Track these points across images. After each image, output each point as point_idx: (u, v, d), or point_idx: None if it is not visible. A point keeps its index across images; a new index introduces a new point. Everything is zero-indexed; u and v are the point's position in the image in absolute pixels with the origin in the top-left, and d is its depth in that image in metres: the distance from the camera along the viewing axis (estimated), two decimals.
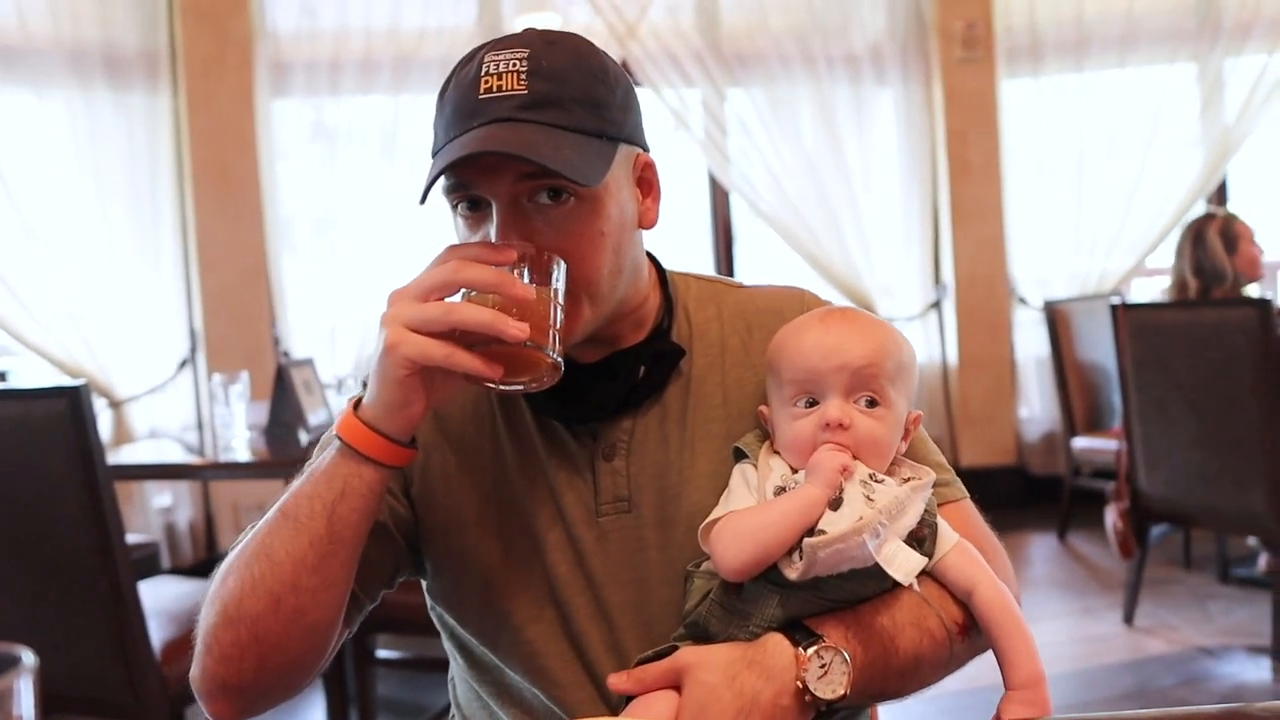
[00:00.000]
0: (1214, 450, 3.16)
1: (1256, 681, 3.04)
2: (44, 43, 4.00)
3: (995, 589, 0.96)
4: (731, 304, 1.11)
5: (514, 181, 0.94)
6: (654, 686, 0.93)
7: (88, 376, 3.99)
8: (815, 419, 0.95)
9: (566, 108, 0.94)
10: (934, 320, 5.08)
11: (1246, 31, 4.93)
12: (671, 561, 1.01)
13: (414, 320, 0.88)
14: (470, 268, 0.89)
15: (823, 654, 0.89)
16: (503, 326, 0.85)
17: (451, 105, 0.97)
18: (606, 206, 0.98)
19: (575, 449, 1.04)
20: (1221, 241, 3.77)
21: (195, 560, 4.31)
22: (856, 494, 0.91)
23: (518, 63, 0.95)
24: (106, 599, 2.15)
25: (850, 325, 0.99)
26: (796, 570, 0.89)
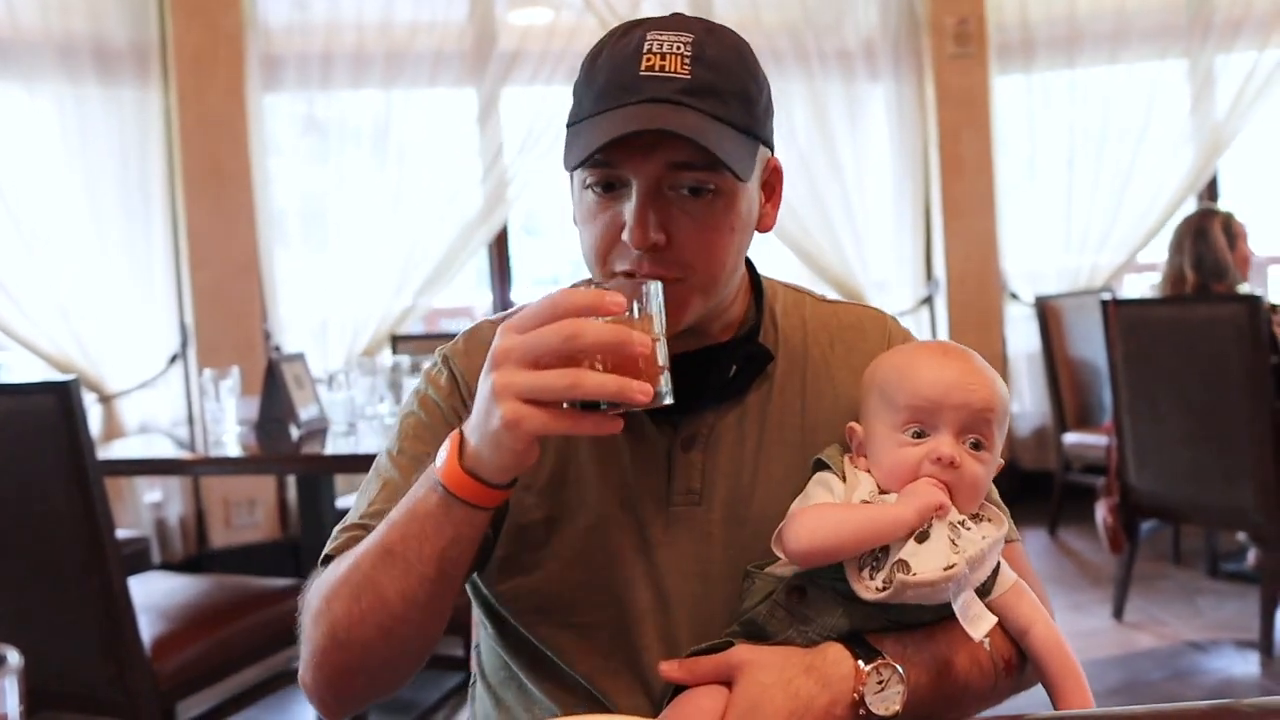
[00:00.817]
0: (1203, 446, 3.18)
1: (1244, 676, 3.06)
2: (33, 36, 3.98)
3: (1050, 629, 0.98)
4: (815, 316, 1.12)
5: (663, 167, 0.94)
6: (705, 679, 0.93)
7: (78, 371, 3.97)
8: (924, 451, 0.95)
9: (725, 99, 0.95)
10: (925, 316, 5.09)
11: (1237, 28, 4.94)
12: (735, 559, 1.01)
13: (532, 391, 0.82)
14: (588, 329, 0.82)
15: (882, 671, 0.90)
16: (630, 395, 0.81)
17: (606, 76, 0.96)
18: (740, 204, 0.98)
19: (654, 436, 1.04)
20: (1224, 238, 3.78)
21: (186, 555, 4.30)
22: (943, 534, 0.91)
23: (682, 46, 0.95)
24: (96, 594, 2.15)
25: (971, 365, 0.99)
26: (872, 594, 0.90)
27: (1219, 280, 3.72)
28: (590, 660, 1.02)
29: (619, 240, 0.96)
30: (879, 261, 5.03)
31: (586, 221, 1.00)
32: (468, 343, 1.11)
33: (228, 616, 2.41)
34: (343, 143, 4.57)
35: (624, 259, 0.97)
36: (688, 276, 0.97)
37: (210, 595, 2.54)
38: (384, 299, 4.50)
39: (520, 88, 4.63)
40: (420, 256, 4.52)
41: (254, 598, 2.50)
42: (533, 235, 5.57)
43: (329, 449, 2.79)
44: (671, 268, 0.96)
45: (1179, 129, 5.04)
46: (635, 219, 0.94)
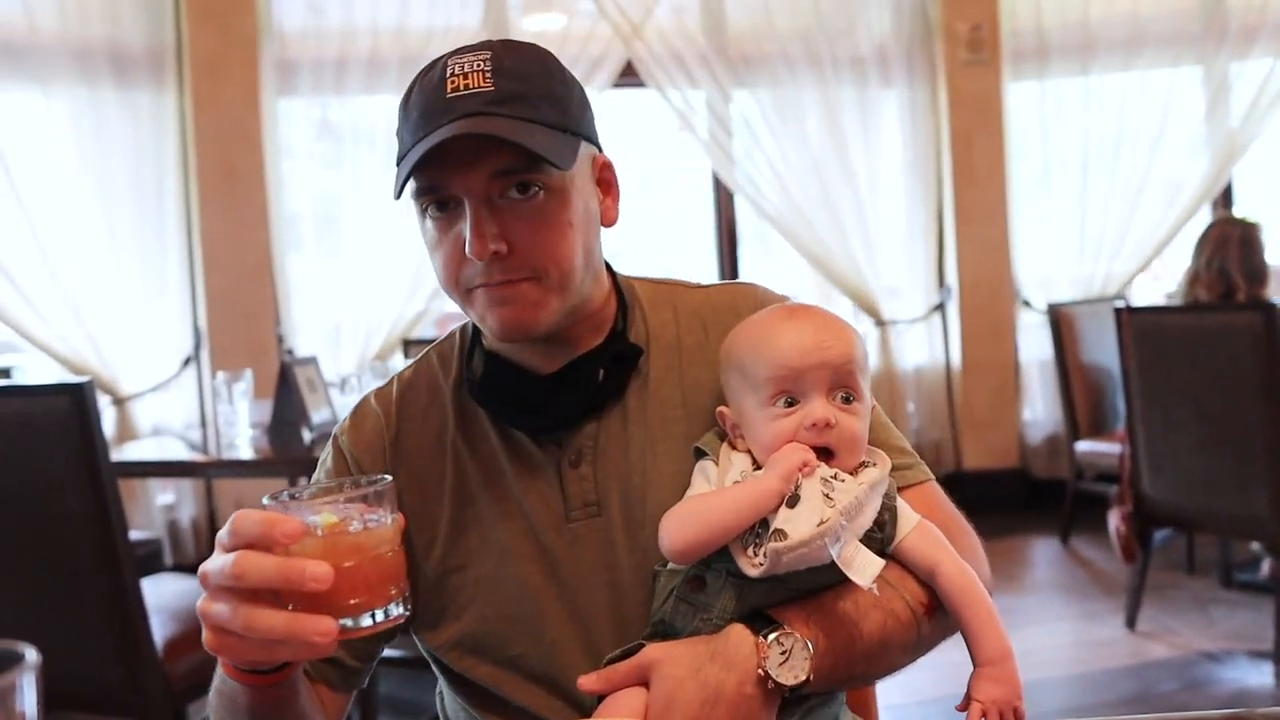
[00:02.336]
0: (1217, 454, 3.16)
1: (1259, 687, 3.03)
2: (50, 40, 4.01)
3: (957, 567, 0.96)
4: (686, 304, 1.12)
5: (487, 178, 0.96)
6: (622, 684, 0.93)
7: (92, 374, 3.99)
8: (798, 419, 0.95)
9: (532, 103, 0.97)
10: (938, 323, 5.08)
11: (1252, 35, 4.93)
12: (641, 563, 1.02)
13: (219, 623, 0.79)
14: (251, 571, 0.77)
15: (783, 640, 0.90)
16: (301, 638, 0.77)
17: (419, 109, 0.99)
18: (572, 199, 1.00)
19: (540, 458, 1.06)
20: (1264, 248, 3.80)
21: (198, 557, 4.30)
22: (815, 492, 0.91)
23: (481, 63, 0.98)
24: (109, 596, 2.15)
25: (821, 322, 0.99)
26: (757, 569, 0.90)
27: (1262, 286, 3.72)
28: (526, 690, 1.04)
29: (465, 258, 0.98)
30: (891, 268, 5.03)
31: (432, 249, 1.02)
32: (353, 419, 1.14)
33: None
34: (356, 147, 4.59)
35: (474, 275, 0.99)
36: (539, 277, 0.99)
37: None
38: (396, 303, 4.51)
39: None
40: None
41: None
42: None
43: None
44: (520, 272, 0.98)
45: (1193, 136, 5.03)
46: (472, 232, 0.96)
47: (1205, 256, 3.78)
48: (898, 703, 2.82)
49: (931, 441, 5.02)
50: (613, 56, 4.62)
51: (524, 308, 0.99)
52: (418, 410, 1.11)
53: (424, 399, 1.11)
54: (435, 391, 1.11)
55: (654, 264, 4.92)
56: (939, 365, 5.08)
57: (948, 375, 5.09)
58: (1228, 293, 3.70)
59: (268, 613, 0.77)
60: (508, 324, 0.99)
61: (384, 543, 0.80)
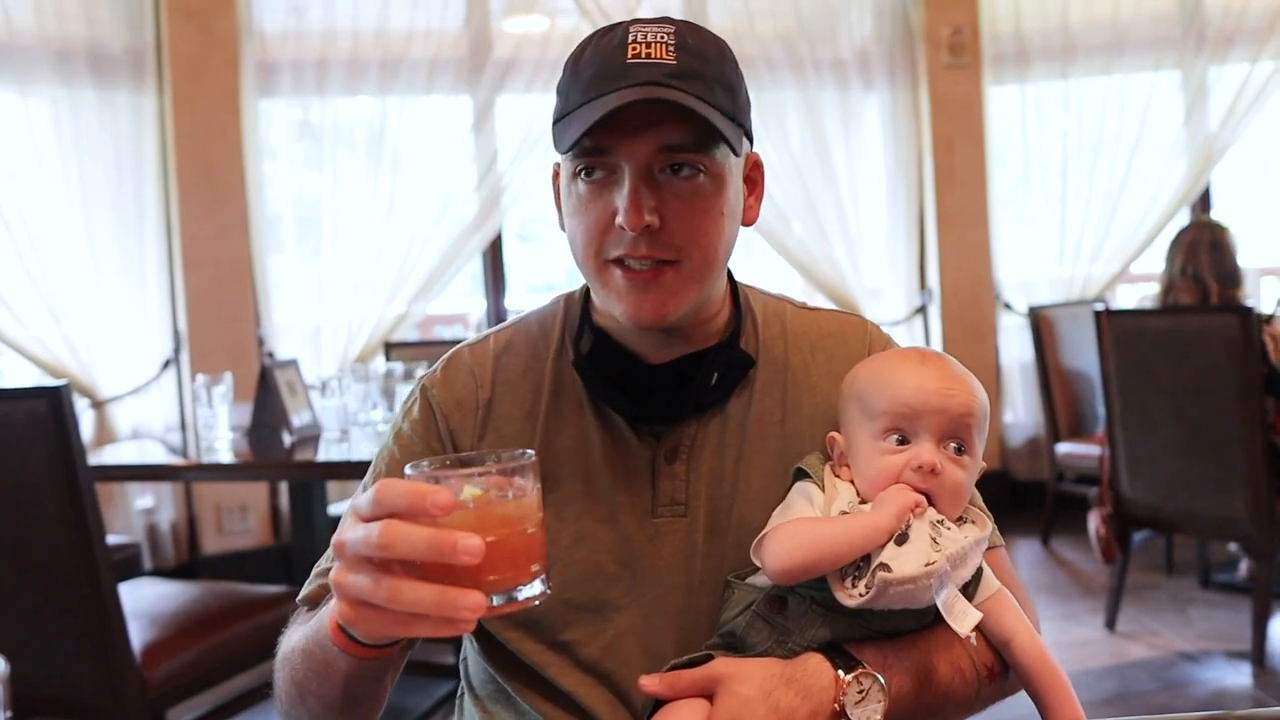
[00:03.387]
0: (1196, 456, 3.18)
1: (1236, 687, 3.05)
2: (29, 40, 3.98)
3: (1033, 639, 0.97)
4: (796, 323, 1.12)
5: (654, 149, 0.95)
6: (686, 693, 0.92)
7: (70, 376, 3.96)
8: (906, 458, 0.95)
9: (709, 85, 0.97)
10: (919, 325, 5.10)
11: (1230, 40, 4.97)
12: (715, 570, 1.01)
13: (358, 595, 0.76)
14: (400, 541, 0.73)
15: (862, 680, 0.90)
16: (450, 613, 0.73)
17: (594, 68, 0.97)
18: (727, 188, 1.00)
19: (636, 447, 1.04)
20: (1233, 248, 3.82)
21: (177, 562, 4.28)
22: (923, 534, 0.91)
23: (665, 35, 0.97)
24: (86, 600, 2.13)
25: (949, 369, 1.00)
26: (855, 599, 0.90)
27: (1235, 288, 3.75)
28: (575, 675, 1.02)
29: (612, 228, 0.97)
30: (872, 270, 5.04)
31: (577, 213, 1.00)
32: (445, 371, 1.10)
33: (219, 623, 2.40)
34: (337, 149, 4.57)
35: (618, 245, 0.97)
36: (681, 260, 0.98)
37: (201, 602, 2.53)
38: (378, 305, 4.49)
39: (515, 95, 4.63)
40: (414, 263, 4.52)
41: (245, 604, 2.49)
42: (527, 242, 5.57)
43: (321, 455, 2.78)
44: (666, 250, 0.97)
45: (1172, 140, 5.06)
46: (629, 201, 0.95)
47: (1179, 263, 3.81)
48: None
49: None
50: None
51: (663, 296, 0.97)
52: (514, 375, 1.09)
53: (521, 364, 1.09)
54: (534, 358, 1.09)
55: None
56: None
57: None
58: (1203, 298, 3.73)
59: (416, 585, 0.73)
60: (644, 310, 0.98)
61: (529, 517, 0.78)
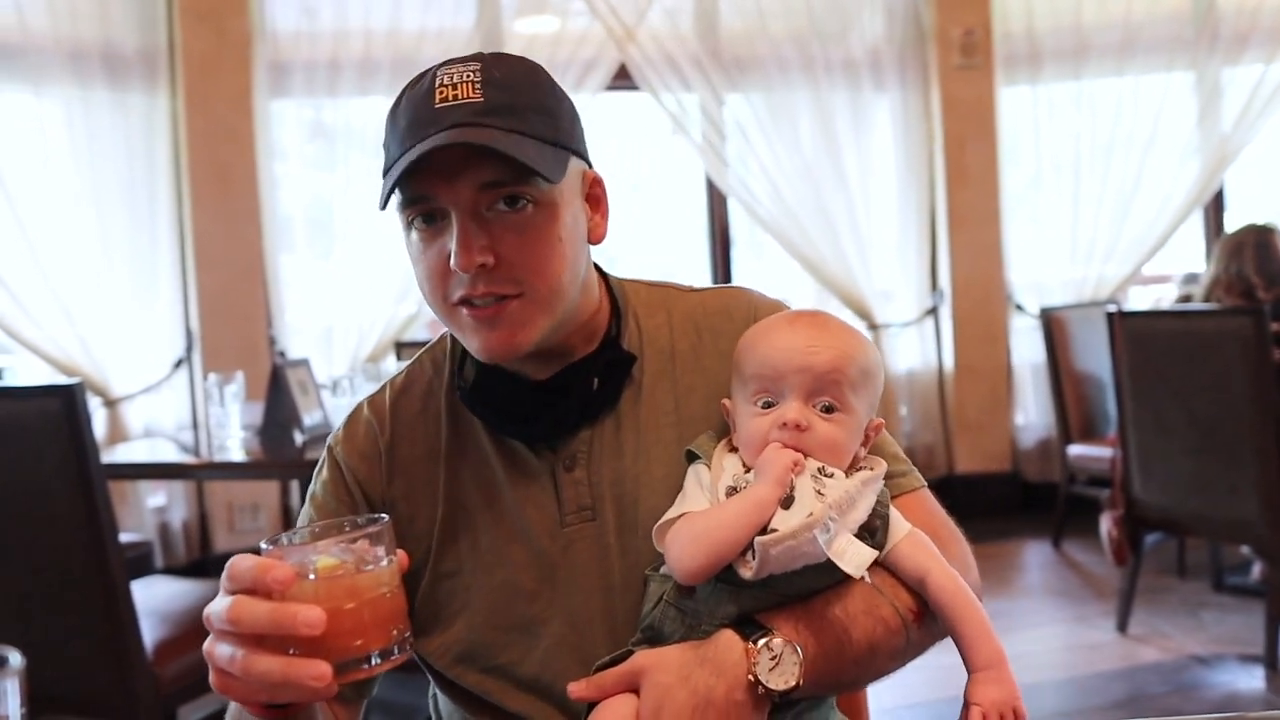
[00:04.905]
0: (1208, 459, 3.17)
1: (1249, 690, 3.04)
2: (43, 41, 3.99)
3: (947, 575, 0.96)
4: (681, 309, 1.12)
5: (475, 190, 0.95)
6: (612, 691, 0.93)
7: (83, 375, 3.98)
8: (772, 419, 0.96)
9: (522, 115, 0.96)
10: (930, 327, 5.08)
11: (1244, 41, 4.94)
12: (632, 567, 1.02)
13: (220, 664, 0.81)
14: (245, 615, 0.78)
15: (772, 646, 0.90)
16: (298, 682, 0.77)
17: (406, 118, 0.97)
18: (561, 214, 0.99)
19: (535, 464, 1.05)
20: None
21: (189, 560, 4.30)
22: (808, 490, 0.91)
23: (471, 74, 0.97)
24: (99, 598, 2.15)
25: (818, 329, 0.99)
26: (750, 569, 0.90)
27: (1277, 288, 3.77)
28: (518, 696, 1.03)
29: (450, 272, 0.97)
30: (883, 272, 5.03)
31: (417, 262, 1.00)
32: (347, 428, 1.12)
33: None
34: (349, 149, 4.58)
35: (458, 287, 0.98)
36: (525, 292, 0.97)
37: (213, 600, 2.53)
38: (389, 305, 4.50)
39: None
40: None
41: None
42: None
43: None
44: (506, 285, 0.97)
45: (1185, 141, 5.04)
46: (459, 244, 0.95)
47: (1224, 262, 3.87)
48: (888, 705, 2.82)
49: (924, 445, 5.02)
50: (606, 60, 4.62)
51: (510, 329, 0.98)
52: (411, 416, 1.10)
53: (417, 405, 1.11)
54: (428, 397, 1.11)
55: (647, 268, 4.93)
56: (931, 369, 5.08)
57: (940, 379, 5.09)
58: (1246, 293, 3.75)
59: (264, 658, 0.77)
60: (493, 346, 0.98)
61: (382, 584, 0.80)
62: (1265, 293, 3.73)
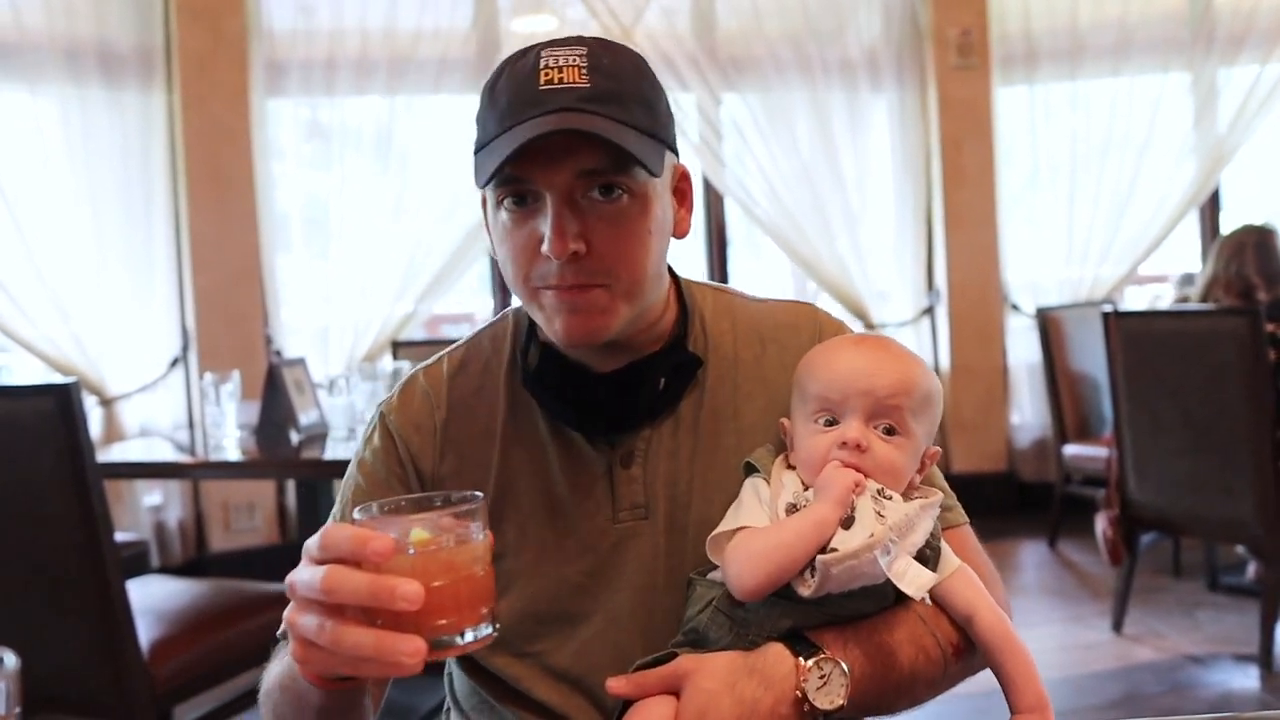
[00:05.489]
0: (1203, 459, 3.17)
1: (1244, 690, 3.05)
2: (38, 39, 3.99)
3: (995, 614, 0.97)
4: (745, 318, 1.12)
5: (573, 176, 0.95)
6: (652, 691, 0.93)
7: (79, 374, 3.97)
8: (833, 438, 0.96)
9: (626, 104, 0.96)
10: (926, 326, 5.09)
11: (1240, 42, 4.95)
12: (677, 568, 1.02)
13: (306, 635, 0.78)
14: (343, 585, 0.75)
15: (822, 665, 0.90)
16: (390, 658, 0.74)
17: (507, 96, 0.97)
18: (653, 206, 0.99)
19: (592, 456, 1.05)
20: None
21: (185, 559, 4.29)
22: (868, 511, 0.92)
23: (577, 58, 0.97)
24: (94, 597, 2.14)
25: (882, 352, 1.00)
26: (809, 587, 0.90)
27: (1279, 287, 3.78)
28: (547, 684, 1.03)
29: (538, 255, 0.97)
30: (880, 272, 5.04)
31: (503, 241, 1.00)
32: (401, 396, 1.11)
33: (226, 621, 2.41)
34: (345, 148, 4.57)
35: (545, 274, 0.97)
36: (611, 283, 0.97)
37: (208, 599, 2.54)
38: (385, 304, 4.50)
39: None
40: (422, 262, 4.52)
41: (252, 602, 2.49)
42: None
43: (328, 454, 2.78)
44: (594, 275, 0.97)
45: (1181, 142, 5.05)
46: (553, 230, 0.94)
47: (1223, 261, 3.86)
48: None
49: None
50: None
51: (593, 315, 0.97)
52: (468, 393, 1.09)
53: (474, 383, 1.10)
54: (487, 375, 1.10)
55: None
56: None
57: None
58: (1246, 293, 3.75)
59: (356, 630, 0.75)
60: (575, 331, 0.98)
61: (476, 561, 0.78)
62: (1265, 293, 3.74)
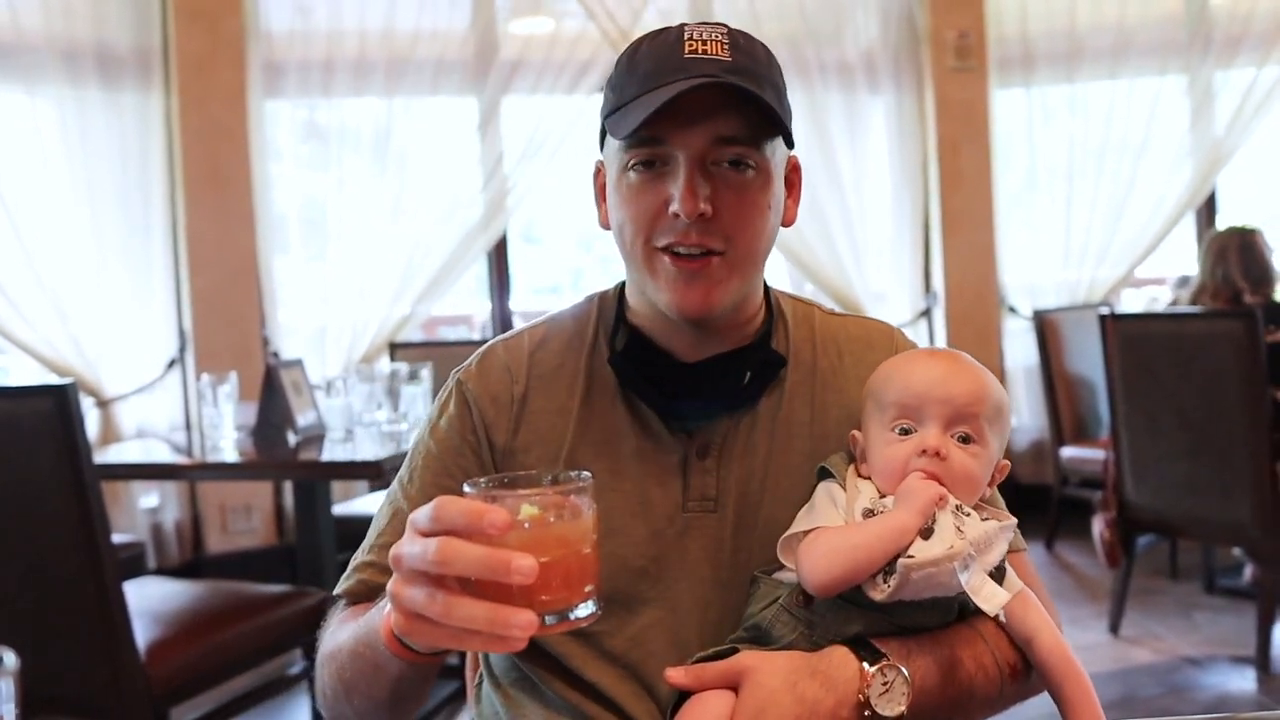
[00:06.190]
0: (1200, 461, 3.17)
1: (1240, 692, 3.05)
2: (36, 40, 3.98)
3: (1056, 639, 0.98)
4: (825, 328, 1.14)
5: (709, 141, 0.98)
6: (712, 685, 0.94)
7: (76, 375, 3.97)
8: (912, 445, 0.96)
9: (761, 83, 1.00)
10: (924, 328, 5.09)
11: (1236, 44, 4.96)
12: (743, 565, 1.03)
13: (413, 608, 0.77)
14: (458, 558, 0.74)
15: (886, 672, 0.91)
16: (502, 631, 0.74)
17: (651, 62, 1.00)
18: (773, 184, 1.03)
19: (668, 442, 1.06)
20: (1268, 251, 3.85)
21: (181, 561, 4.29)
22: (948, 524, 0.92)
23: (719, 35, 1.01)
24: (91, 599, 2.14)
25: (958, 362, 1.02)
26: (883, 591, 0.90)
27: (1267, 289, 3.77)
28: (600, 666, 1.03)
29: (662, 216, 1.00)
30: (877, 273, 5.04)
31: (628, 202, 1.02)
32: (480, 366, 1.12)
33: (223, 622, 2.40)
34: (343, 149, 4.57)
35: (668, 233, 1.00)
36: (729, 250, 1.00)
37: (206, 601, 2.53)
38: (383, 306, 4.50)
39: (521, 97, 4.63)
40: (420, 264, 4.52)
41: (249, 604, 2.49)
42: (532, 244, 5.58)
43: (326, 455, 2.79)
44: (715, 239, 0.99)
45: (1178, 144, 5.06)
46: (685, 189, 0.97)
47: (1209, 267, 3.87)
48: None
49: None
50: (601, 61, 4.62)
51: (709, 285, 1.00)
52: (548, 370, 1.10)
53: (554, 360, 1.11)
54: (568, 354, 1.11)
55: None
56: None
57: None
58: (1234, 298, 3.75)
59: (469, 602, 0.74)
60: (690, 300, 1.00)
61: (584, 538, 0.78)
62: (1251, 296, 3.74)
